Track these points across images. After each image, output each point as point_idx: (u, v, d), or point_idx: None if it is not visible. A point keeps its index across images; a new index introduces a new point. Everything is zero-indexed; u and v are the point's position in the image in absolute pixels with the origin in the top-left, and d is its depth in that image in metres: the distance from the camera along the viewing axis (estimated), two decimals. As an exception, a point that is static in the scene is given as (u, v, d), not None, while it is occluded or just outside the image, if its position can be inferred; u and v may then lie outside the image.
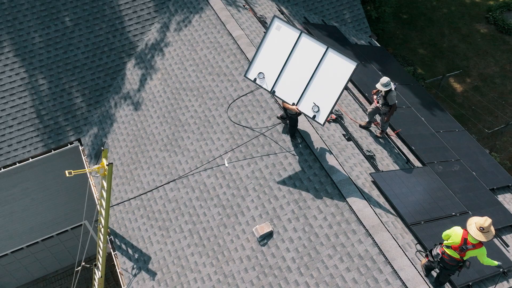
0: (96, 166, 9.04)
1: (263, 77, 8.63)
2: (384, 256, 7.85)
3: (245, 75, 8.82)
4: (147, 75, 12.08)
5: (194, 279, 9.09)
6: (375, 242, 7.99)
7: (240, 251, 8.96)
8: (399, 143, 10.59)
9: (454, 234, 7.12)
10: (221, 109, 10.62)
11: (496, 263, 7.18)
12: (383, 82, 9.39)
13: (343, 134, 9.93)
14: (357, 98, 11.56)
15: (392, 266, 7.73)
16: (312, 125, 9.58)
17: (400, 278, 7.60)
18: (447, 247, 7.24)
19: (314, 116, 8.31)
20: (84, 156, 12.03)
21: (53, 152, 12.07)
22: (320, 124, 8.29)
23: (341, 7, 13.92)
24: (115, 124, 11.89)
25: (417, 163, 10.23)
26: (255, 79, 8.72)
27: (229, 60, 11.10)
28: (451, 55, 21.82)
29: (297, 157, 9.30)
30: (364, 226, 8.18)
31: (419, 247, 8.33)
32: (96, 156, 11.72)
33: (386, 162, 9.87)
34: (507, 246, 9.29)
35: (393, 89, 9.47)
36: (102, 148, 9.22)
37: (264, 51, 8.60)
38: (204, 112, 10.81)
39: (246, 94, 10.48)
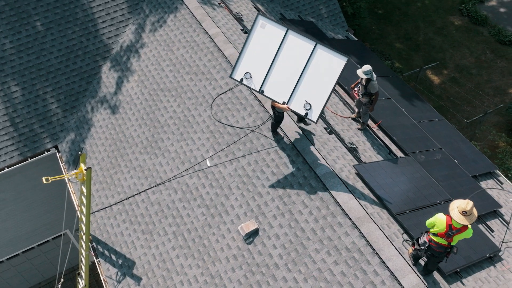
0: (74, 172, 8.79)
1: (250, 77, 8.42)
2: (371, 247, 7.80)
3: (230, 76, 8.58)
4: (123, 78, 11.85)
5: (181, 281, 8.90)
6: (362, 233, 7.93)
7: (226, 250, 8.81)
8: (380, 134, 10.58)
9: (438, 221, 7.09)
10: (200, 108, 10.47)
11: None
12: (365, 70, 9.35)
13: (324, 128, 9.87)
14: (337, 91, 11.53)
15: (379, 257, 7.68)
16: (292, 120, 9.50)
17: (388, 268, 7.55)
18: (434, 234, 7.21)
19: (306, 114, 8.15)
20: (62, 163, 11.73)
21: (29, 160, 11.74)
22: (313, 122, 8.15)
23: (316, 2, 13.89)
24: (93, 128, 11.63)
25: (399, 154, 10.22)
26: (241, 80, 8.51)
27: (206, 58, 10.96)
28: (427, 48, 22.03)
29: (279, 152, 9.19)
30: (350, 218, 8.12)
31: (405, 236, 8.30)
32: (74, 162, 11.44)
33: (369, 154, 9.84)
34: (492, 231, 9.33)
35: (374, 78, 9.47)
36: (79, 153, 8.97)
37: (249, 50, 8.35)
38: (184, 112, 10.64)
39: (225, 91, 10.35)
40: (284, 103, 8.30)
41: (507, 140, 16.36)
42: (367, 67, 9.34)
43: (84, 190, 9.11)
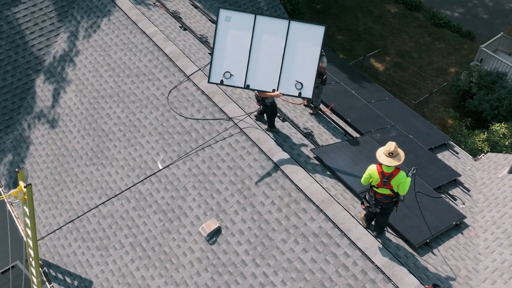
0: (13, 191, 8.05)
1: (230, 76, 7.97)
2: (339, 229, 7.52)
3: (208, 81, 8.08)
4: (60, 89, 11.11)
5: (144, 294, 8.29)
6: (328, 216, 7.66)
7: (189, 254, 8.29)
8: (334, 117, 10.40)
9: (371, 173, 7.05)
10: (146, 111, 9.92)
11: (409, 179, 6.99)
12: None
13: (277, 116, 9.55)
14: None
15: (348, 238, 7.42)
16: (244, 111, 9.13)
17: (359, 248, 7.30)
18: (375, 187, 7.15)
19: (300, 94, 7.95)
20: (1, 187, 10.82)
21: (-36, 189, 10.76)
22: (309, 98, 8.07)
23: (255, -4, 13.69)
24: (32, 146, 10.81)
25: (355, 134, 10.06)
26: (221, 81, 8.03)
27: (146, 59, 10.43)
28: (368, 37, 22.37)
29: (233, 145, 8.80)
30: (313, 203, 7.82)
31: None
32: (15, 185, 10.55)
33: (325, 137, 9.61)
34: (455, 199, 9.30)
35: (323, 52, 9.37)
36: (16, 170, 8.23)
37: (220, 48, 7.84)
38: (128, 117, 10.05)
39: (171, 90, 9.86)
40: (274, 90, 7.98)
41: (455, 115, 16.70)
42: None
43: (27, 210, 8.37)
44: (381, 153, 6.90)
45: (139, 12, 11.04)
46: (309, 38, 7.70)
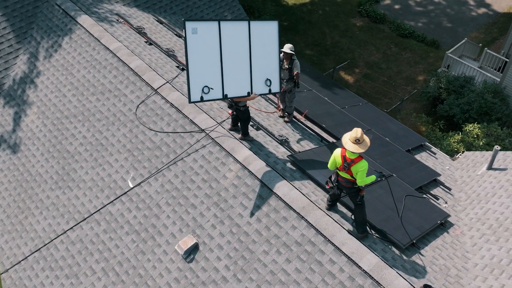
0: (-30, 220, 7.45)
1: (209, 90, 7.71)
2: (322, 235, 7.18)
3: (190, 102, 7.72)
4: (20, 112, 10.56)
5: (119, 322, 7.70)
6: (309, 223, 7.32)
7: (166, 275, 7.77)
8: (309, 124, 10.15)
9: (336, 156, 7.08)
10: (113, 128, 9.47)
11: (374, 177, 7.05)
12: (290, 46, 9.14)
13: (251, 125, 9.24)
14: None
15: (333, 244, 7.08)
16: (215, 121, 8.79)
17: (344, 254, 6.96)
18: (338, 170, 7.14)
19: (270, 90, 8.13)
20: (-40, 220, 10.08)
21: None
22: (279, 92, 8.38)
23: (220, 10, 13.50)
24: (-8, 174, 10.17)
25: (331, 140, 9.82)
26: (201, 98, 7.74)
27: (111, 75, 10.03)
28: (336, 50, 22.50)
29: (207, 157, 8.41)
30: (294, 210, 7.48)
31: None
32: (-25, 216, 9.86)
33: (301, 144, 9.33)
34: (437, 199, 9.09)
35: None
36: (-26, 197, 7.64)
37: (194, 64, 7.54)
38: (94, 135, 9.57)
39: (138, 105, 9.46)
40: (248, 93, 8.00)
41: (428, 119, 16.73)
42: (289, 44, 9.14)
43: (-13, 240, 7.75)
44: (347, 140, 6.86)
45: (101, 29, 10.68)
46: (266, 35, 7.93)
